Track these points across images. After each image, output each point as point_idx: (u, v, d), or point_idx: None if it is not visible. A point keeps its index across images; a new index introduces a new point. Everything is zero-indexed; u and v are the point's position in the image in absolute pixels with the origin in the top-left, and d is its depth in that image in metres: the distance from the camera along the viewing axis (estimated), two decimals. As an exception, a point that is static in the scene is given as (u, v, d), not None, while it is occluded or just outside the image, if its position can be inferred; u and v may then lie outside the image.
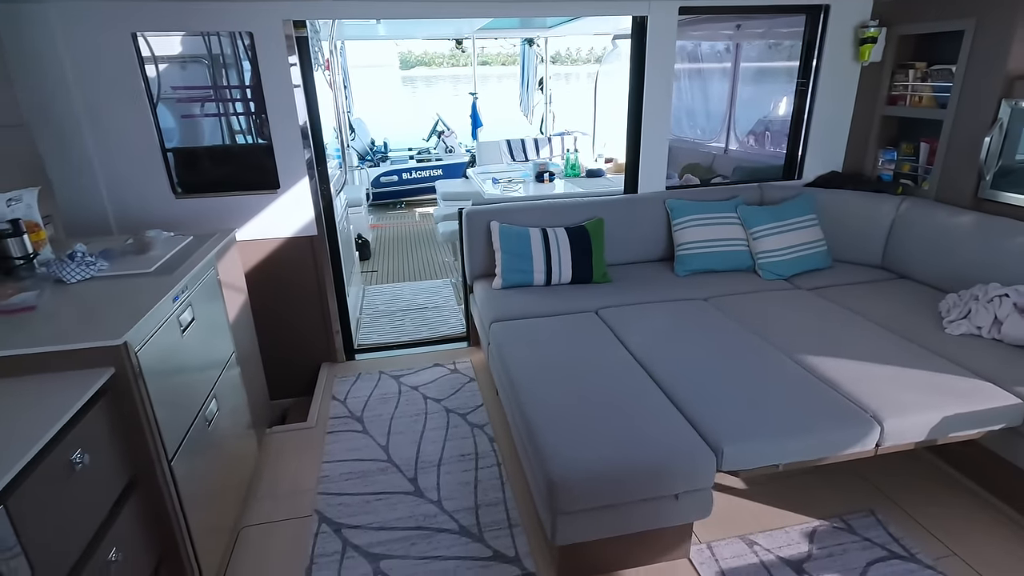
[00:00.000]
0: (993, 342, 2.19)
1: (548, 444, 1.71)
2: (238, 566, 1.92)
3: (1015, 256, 2.37)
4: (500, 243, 2.89)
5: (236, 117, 2.87)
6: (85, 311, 1.53)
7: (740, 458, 1.70)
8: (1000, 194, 2.59)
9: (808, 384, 1.96)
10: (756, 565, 1.86)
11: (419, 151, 7.88)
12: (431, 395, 2.88)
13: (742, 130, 4.83)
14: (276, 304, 2.97)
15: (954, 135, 2.76)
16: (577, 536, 1.67)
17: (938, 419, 1.81)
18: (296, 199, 2.85)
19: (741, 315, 2.52)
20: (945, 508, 2.07)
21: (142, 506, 1.47)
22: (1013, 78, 2.51)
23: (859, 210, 3.06)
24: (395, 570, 1.88)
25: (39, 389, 1.26)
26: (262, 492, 2.26)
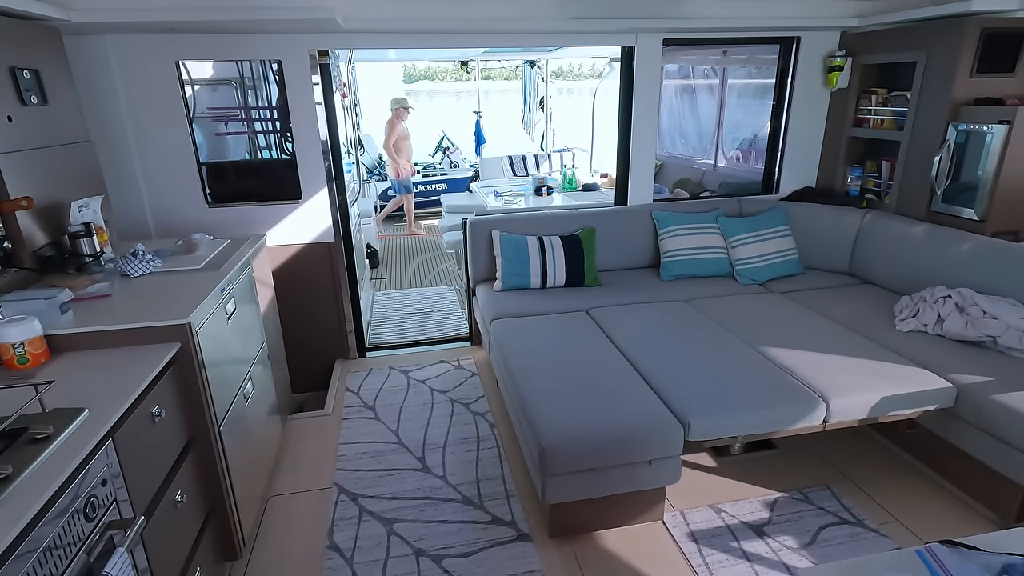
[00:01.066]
0: (936, 337, 2.47)
1: (539, 416, 1.99)
2: (269, 527, 2.19)
3: (959, 262, 2.66)
4: (500, 249, 3.19)
5: (263, 135, 3.19)
6: (150, 298, 1.82)
7: (705, 430, 1.98)
8: (949, 207, 2.89)
9: (767, 370, 2.24)
10: (722, 528, 2.13)
11: (425, 166, 8.22)
12: (437, 387, 3.16)
13: (729, 148, 5.15)
14: (296, 304, 3.26)
15: (910, 154, 3.06)
16: (564, 496, 1.94)
17: (878, 399, 2.09)
18: (316, 208, 3.16)
19: (717, 315, 2.80)
20: (891, 481, 2.33)
21: (198, 462, 1.75)
22: (958, 104, 2.81)
23: (828, 222, 3.36)
24: (406, 531, 2.15)
25: (125, 357, 1.55)
26: (286, 468, 2.53)
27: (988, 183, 2.68)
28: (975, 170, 2.74)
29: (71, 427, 1.21)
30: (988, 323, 2.36)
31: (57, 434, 1.17)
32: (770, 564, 1.96)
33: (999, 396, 2.01)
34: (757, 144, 4.68)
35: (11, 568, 0.94)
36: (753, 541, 2.05)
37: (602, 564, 1.97)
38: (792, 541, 2.05)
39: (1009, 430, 1.95)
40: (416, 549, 2.06)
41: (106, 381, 1.42)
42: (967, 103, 2.80)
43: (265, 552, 2.07)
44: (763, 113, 4.08)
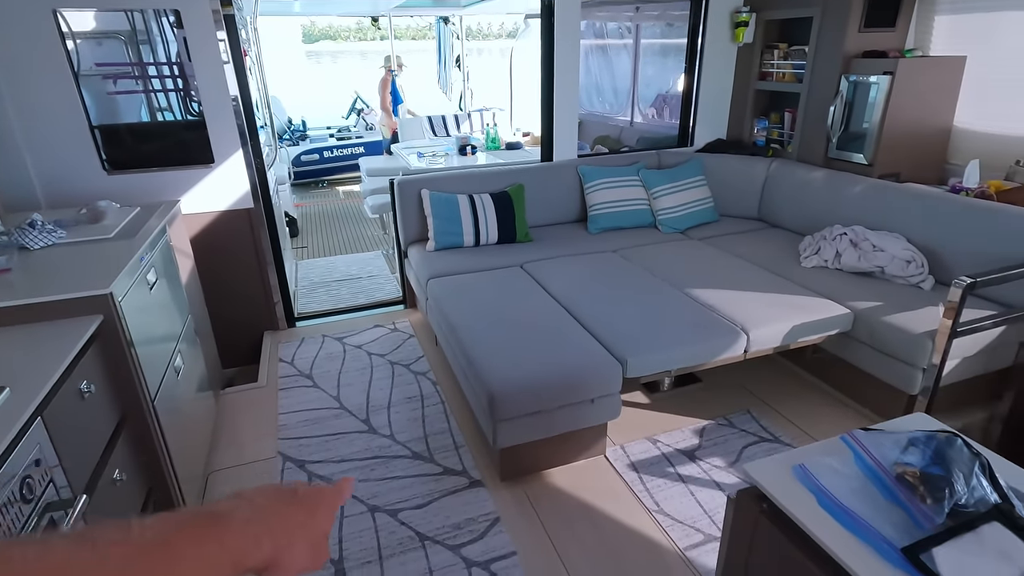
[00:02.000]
0: (835, 270, 2.74)
1: (486, 367, 2.04)
2: (213, 502, 2.12)
3: (853, 202, 2.94)
4: (431, 209, 3.16)
5: (164, 94, 2.93)
6: (60, 271, 1.68)
7: (640, 366, 2.11)
8: (844, 153, 3.16)
9: (693, 309, 2.41)
10: (658, 456, 2.30)
11: (339, 129, 7.87)
12: (375, 351, 3.14)
13: (644, 104, 5.31)
14: (218, 274, 3.08)
15: (808, 106, 3.31)
16: (514, 439, 2.02)
17: (789, 328, 2.31)
18: (231, 173, 2.97)
19: (644, 262, 2.95)
20: (801, 402, 2.61)
21: (134, 440, 1.66)
22: (849, 57, 3.06)
23: (739, 171, 3.59)
24: (359, 490, 2.16)
25: (41, 333, 1.43)
26: (224, 443, 2.45)
27: (875, 130, 2.96)
28: (864, 119, 3.01)
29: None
30: (877, 255, 2.64)
31: (-22, 414, 1.08)
32: (702, 483, 2.15)
33: (888, 317, 2.28)
34: (671, 100, 4.87)
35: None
36: (686, 465, 2.24)
37: (552, 500, 2.08)
38: (720, 461, 2.26)
39: (896, 346, 2.22)
40: (371, 506, 2.08)
41: (23, 358, 1.31)
42: (857, 56, 3.05)
43: (212, 526, 2.01)
44: (675, 70, 4.24)
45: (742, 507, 0.96)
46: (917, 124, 2.96)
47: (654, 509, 2.03)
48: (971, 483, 0.81)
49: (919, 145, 3.02)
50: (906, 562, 0.75)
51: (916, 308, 2.33)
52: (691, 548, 1.88)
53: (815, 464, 0.93)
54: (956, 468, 0.82)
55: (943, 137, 3.06)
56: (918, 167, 3.04)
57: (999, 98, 2.82)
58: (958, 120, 3.02)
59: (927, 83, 2.90)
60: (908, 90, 2.86)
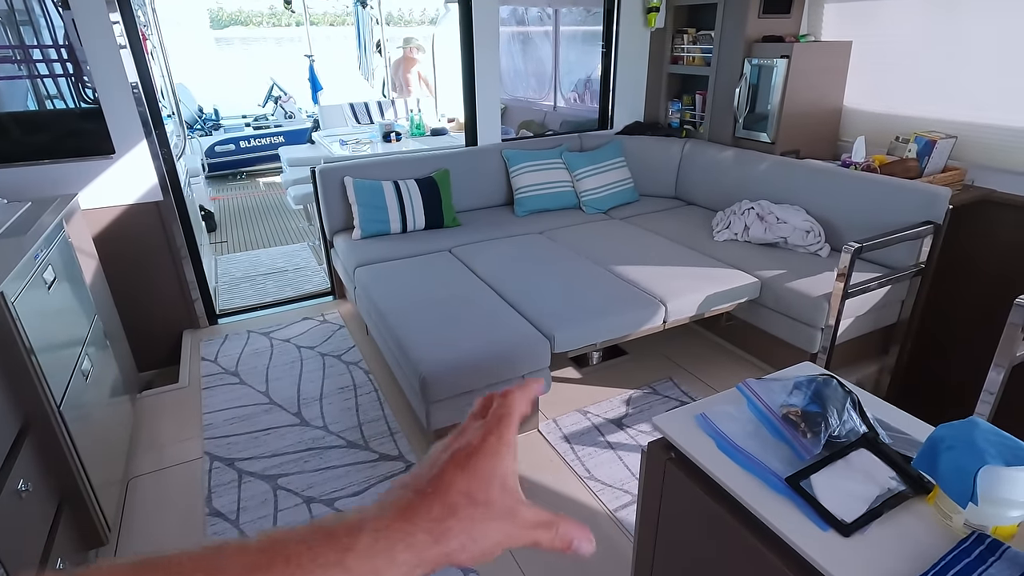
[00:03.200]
0: (744, 243, 2.93)
1: (416, 349, 2.05)
2: (136, 508, 2.03)
3: (758, 178, 3.15)
4: (356, 196, 3.10)
5: (53, 80, 2.72)
6: (-60, 273, 1.54)
7: (567, 341, 2.19)
8: (749, 133, 3.37)
9: (615, 284, 2.51)
10: (589, 427, 2.40)
11: (255, 118, 7.51)
12: (304, 344, 3.07)
13: (566, 89, 5.41)
14: (128, 273, 2.90)
15: (716, 88, 3.49)
16: (447, 420, 2.05)
17: (703, 298, 2.46)
18: (135, 163, 2.80)
19: (569, 242, 3.04)
20: (718, 367, 2.79)
21: (39, 448, 1.56)
22: (751, 41, 3.25)
23: (655, 152, 3.74)
24: (292, 483, 2.13)
25: (-79, 339, 1.31)
26: (144, 447, 2.34)
27: (776, 110, 3.17)
28: (767, 100, 3.21)
29: None
30: (780, 227, 2.85)
31: None
32: (630, 448, 2.27)
33: (790, 284, 2.48)
34: (591, 85, 4.98)
35: None
36: (615, 433, 2.35)
37: (488, 476, 2.13)
38: (646, 427, 2.38)
39: (798, 309, 2.42)
40: (306, 498, 2.06)
41: (-97, 366, 1.20)
42: (758, 40, 3.24)
43: (136, 532, 1.93)
44: (594, 56, 4.34)
45: (652, 457, 1.04)
46: (812, 104, 3.20)
47: (586, 476, 2.13)
48: (843, 417, 0.92)
49: (815, 123, 3.26)
50: (789, 489, 0.84)
51: (814, 274, 2.54)
52: (620, 508, 1.98)
53: (715, 412, 1.01)
54: (831, 405, 0.92)
55: (835, 116, 3.31)
56: (814, 144, 3.29)
57: (881, 79, 3.09)
58: (847, 100, 3.28)
59: (819, 66, 3.13)
60: (803, 72, 3.07)
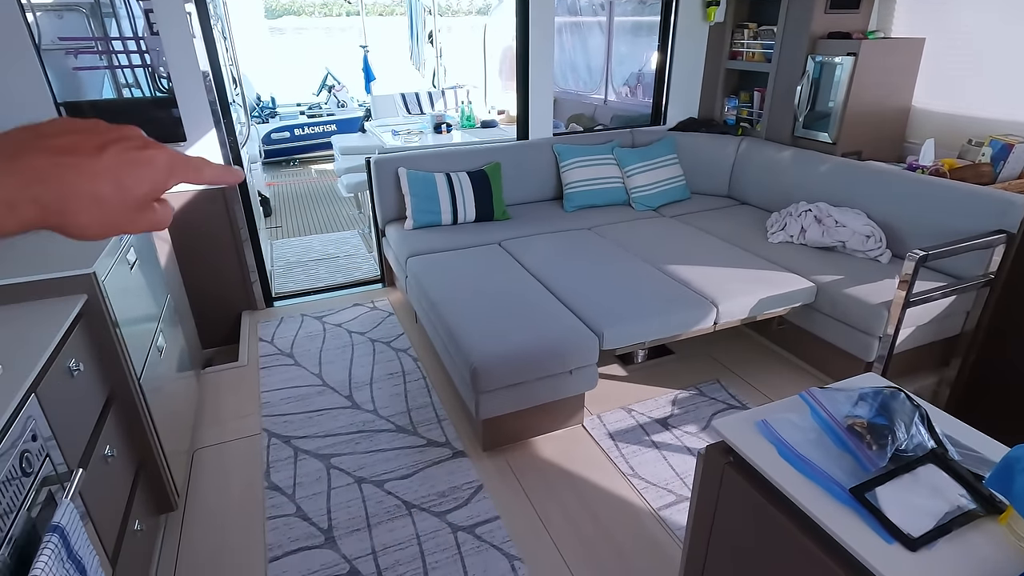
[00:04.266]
0: (800, 246, 2.87)
1: (467, 340, 2.10)
2: (201, 478, 2.16)
3: (817, 180, 3.06)
4: (409, 187, 3.17)
5: (131, 69, 2.87)
6: (38, 250, 1.66)
7: (616, 338, 2.20)
8: (809, 132, 3.27)
9: (666, 283, 2.50)
10: (633, 425, 2.41)
11: (309, 106, 7.72)
12: (355, 329, 3.17)
13: (618, 82, 5.36)
14: (194, 255, 3.05)
15: (776, 85, 3.40)
16: (495, 410, 2.10)
17: (756, 301, 2.42)
18: (204, 151, 2.93)
19: (618, 239, 3.03)
20: (766, 371, 2.74)
21: (122, 417, 1.68)
22: (816, 38, 3.15)
23: (709, 150, 3.68)
24: (345, 463, 2.22)
25: (24, 313, 1.43)
26: (208, 421, 2.47)
27: (839, 109, 3.07)
28: (830, 98, 3.11)
29: (-12, 384, 1.13)
30: (839, 231, 2.77)
31: (-26, 392, 1.10)
32: (675, 448, 2.27)
33: (848, 290, 2.41)
34: (643, 79, 4.92)
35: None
36: (660, 433, 2.35)
37: (534, 468, 2.17)
38: (691, 428, 2.38)
39: (855, 316, 2.36)
40: (357, 478, 2.14)
41: (12, 337, 1.32)
42: (823, 37, 3.14)
43: (201, 501, 2.05)
44: (648, 48, 4.29)
45: (710, 460, 1.05)
46: (878, 104, 3.08)
47: (629, 473, 2.14)
48: (911, 431, 0.91)
49: (880, 124, 3.14)
50: (854, 500, 0.84)
51: (874, 280, 2.46)
52: (664, 508, 1.99)
53: (776, 419, 1.02)
54: (898, 418, 0.92)
55: (902, 116, 3.18)
56: (878, 145, 3.17)
57: (954, 79, 2.95)
58: (916, 100, 3.15)
59: (888, 64, 3.01)
60: (870, 71, 2.97)
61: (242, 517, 1.98)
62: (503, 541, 1.87)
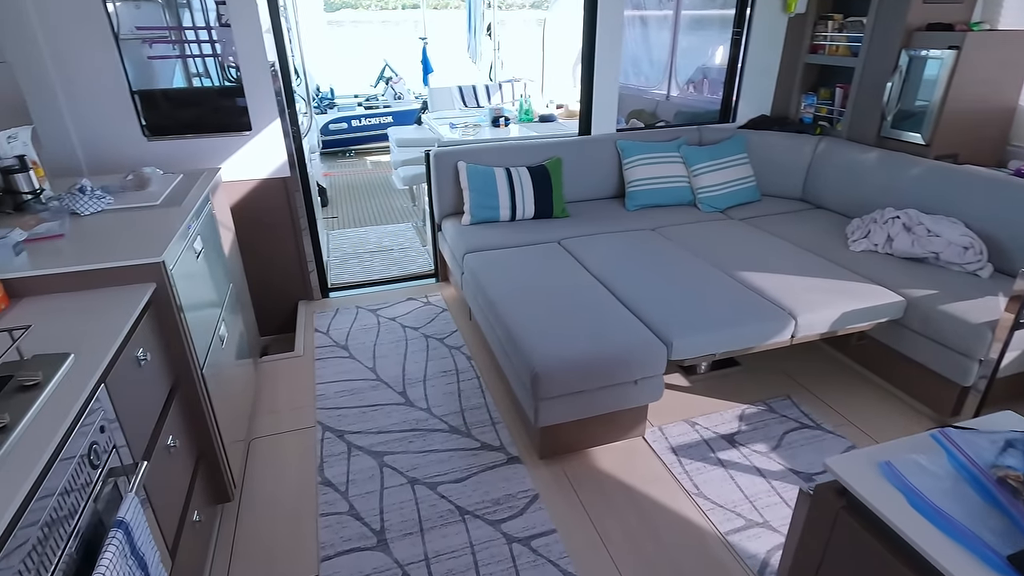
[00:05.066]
0: (886, 255, 2.65)
1: (528, 344, 2.02)
2: (256, 468, 2.16)
3: (907, 185, 2.83)
4: (468, 182, 3.11)
5: (202, 59, 2.90)
6: (110, 237, 1.68)
7: (685, 349, 2.07)
8: (898, 132, 3.03)
9: (738, 291, 2.35)
10: (697, 440, 2.27)
11: (367, 98, 7.79)
12: (408, 324, 3.14)
13: (682, 78, 5.15)
14: (254, 243, 3.09)
15: (863, 81, 3.16)
16: (556, 418, 2.01)
17: (838, 314, 2.24)
18: (269, 141, 2.95)
19: (684, 241, 2.88)
20: (843, 389, 2.55)
21: (184, 407, 1.68)
22: (911, 30, 2.90)
23: (783, 149, 3.46)
24: (398, 462, 2.17)
25: (97, 300, 1.43)
26: (264, 410, 2.48)
27: (935, 108, 2.82)
28: (924, 95, 2.87)
29: (60, 372, 1.12)
30: (932, 240, 2.54)
31: (47, 380, 1.09)
32: (743, 468, 2.12)
33: (944, 306, 2.20)
34: (709, 74, 4.71)
35: (29, 518, 0.88)
36: (727, 450, 2.21)
37: (592, 480, 2.07)
38: (761, 446, 2.22)
39: (952, 336, 2.15)
40: (410, 478, 2.09)
41: (83, 325, 1.31)
42: (920, 28, 2.89)
43: (255, 493, 2.05)
44: (715, 42, 4.08)
45: (821, 502, 0.93)
46: (980, 102, 2.82)
47: (694, 492, 2.02)
48: (1080, 490, 0.76)
49: (980, 125, 2.87)
50: (1013, 570, 0.71)
51: (974, 297, 2.24)
52: (732, 532, 1.86)
53: (901, 462, 0.89)
54: (1063, 473, 0.77)
55: (1006, 117, 2.90)
56: (977, 148, 2.91)
57: (1073, 76, 2.66)
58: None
59: (994, 58, 2.75)
60: (974, 66, 2.71)
61: (295, 512, 1.96)
62: (560, 556, 1.78)
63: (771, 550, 1.80)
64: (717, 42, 4.15)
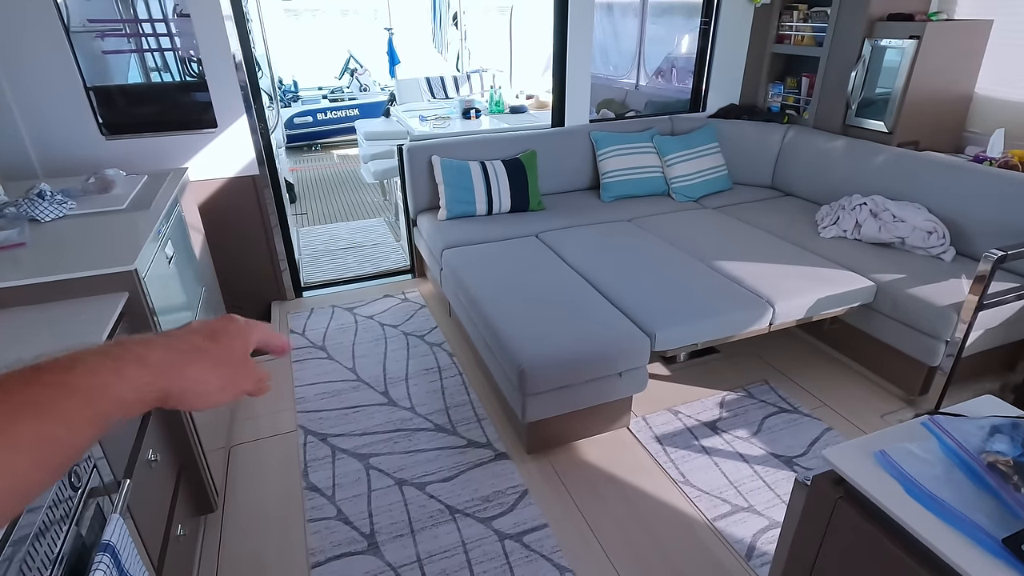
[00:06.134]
0: (855, 241, 2.73)
1: (514, 340, 2.01)
2: (238, 477, 2.11)
3: (872, 171, 2.91)
4: (443, 176, 3.07)
5: (161, 52, 2.78)
6: (76, 245, 1.60)
7: (668, 340, 2.10)
8: (863, 120, 3.11)
9: (717, 281, 2.39)
10: (681, 428, 2.31)
11: (331, 90, 7.60)
12: (387, 322, 3.09)
13: (651, 67, 5.17)
14: (224, 244, 2.98)
15: (828, 70, 3.23)
16: (543, 413, 2.01)
17: (814, 300, 2.30)
18: (235, 137, 2.85)
19: (661, 232, 2.91)
20: (818, 373, 2.62)
21: (162, 418, 1.62)
22: (874, 20, 2.97)
23: (753, 138, 3.52)
24: (384, 464, 2.15)
25: (66, 312, 1.36)
26: (242, 416, 2.42)
27: (897, 96, 2.90)
28: (886, 84, 2.95)
29: (33, 393, 1.06)
30: (898, 226, 2.62)
31: (20, 402, 1.03)
32: (726, 454, 2.17)
33: (912, 290, 2.28)
34: (677, 63, 4.74)
35: (8, 552, 0.84)
36: (710, 437, 2.26)
37: (579, 472, 2.09)
38: (742, 432, 2.28)
39: (919, 318, 2.23)
40: (398, 479, 2.07)
41: (55, 339, 1.25)
42: (881, 19, 2.96)
43: (239, 501, 2.00)
44: (683, 30, 4.12)
45: (818, 492, 0.95)
46: (939, 90, 2.91)
47: (680, 480, 2.05)
48: (1064, 471, 0.80)
49: (939, 112, 2.97)
50: (1008, 552, 0.74)
51: (939, 280, 2.33)
52: (719, 519, 1.90)
53: (895, 450, 0.91)
54: (1049, 456, 0.81)
55: (963, 104, 3.01)
56: (936, 135, 3.01)
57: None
58: (980, 87, 2.97)
59: (952, 47, 2.84)
60: (934, 55, 2.80)
61: (282, 519, 1.93)
62: (552, 551, 1.79)
63: (756, 533, 1.85)
64: (684, 30, 4.18)
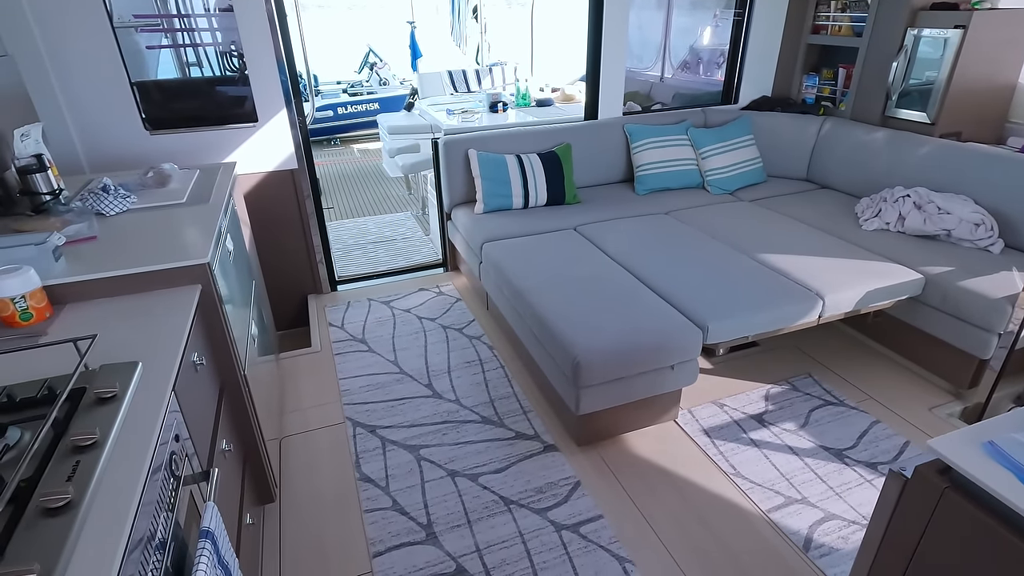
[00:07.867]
0: (897, 234, 2.71)
1: (567, 333, 2.02)
2: (291, 468, 2.13)
3: (914, 163, 2.88)
4: (480, 170, 3.07)
5: (203, 47, 2.80)
6: (144, 238, 1.62)
7: (720, 332, 2.10)
8: (903, 112, 3.08)
9: (763, 273, 2.38)
10: (728, 421, 2.31)
11: (351, 84, 7.61)
12: (424, 315, 3.11)
13: (677, 59, 5.14)
14: (266, 238, 3.02)
15: (867, 61, 3.20)
16: (596, 406, 2.02)
17: (863, 293, 2.29)
18: (276, 132, 2.87)
19: (700, 224, 2.90)
20: (862, 366, 2.61)
21: (230, 409, 1.64)
22: (917, 9, 2.93)
23: (788, 130, 3.50)
24: (435, 455, 2.17)
25: (146, 304, 1.38)
26: (289, 408, 2.44)
27: (940, 87, 2.87)
28: (928, 74, 2.91)
29: (133, 382, 1.08)
30: (944, 218, 2.60)
31: (123, 392, 1.05)
32: (775, 447, 2.17)
33: (963, 283, 2.26)
34: (703, 55, 4.71)
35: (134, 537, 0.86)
36: (758, 429, 2.26)
37: (630, 465, 2.10)
38: (790, 425, 2.27)
39: (971, 311, 2.21)
40: (449, 471, 2.09)
41: (140, 331, 1.27)
42: (924, 8, 2.93)
43: (296, 492, 2.02)
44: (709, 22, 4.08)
45: (922, 482, 0.95)
46: (982, 80, 2.88)
47: (731, 472, 2.05)
48: None
49: (982, 103, 2.94)
50: None
51: (990, 273, 2.31)
52: (774, 510, 1.90)
53: (1005, 440, 0.91)
54: None
55: (1006, 94, 2.97)
56: (978, 126, 2.98)
57: (1074, 54, 2.73)
58: (1023, 77, 2.93)
59: (998, 37, 2.80)
60: (980, 45, 2.76)
61: (339, 509, 1.95)
62: (610, 542, 1.81)
63: (812, 525, 1.85)
64: (711, 22, 4.14)
